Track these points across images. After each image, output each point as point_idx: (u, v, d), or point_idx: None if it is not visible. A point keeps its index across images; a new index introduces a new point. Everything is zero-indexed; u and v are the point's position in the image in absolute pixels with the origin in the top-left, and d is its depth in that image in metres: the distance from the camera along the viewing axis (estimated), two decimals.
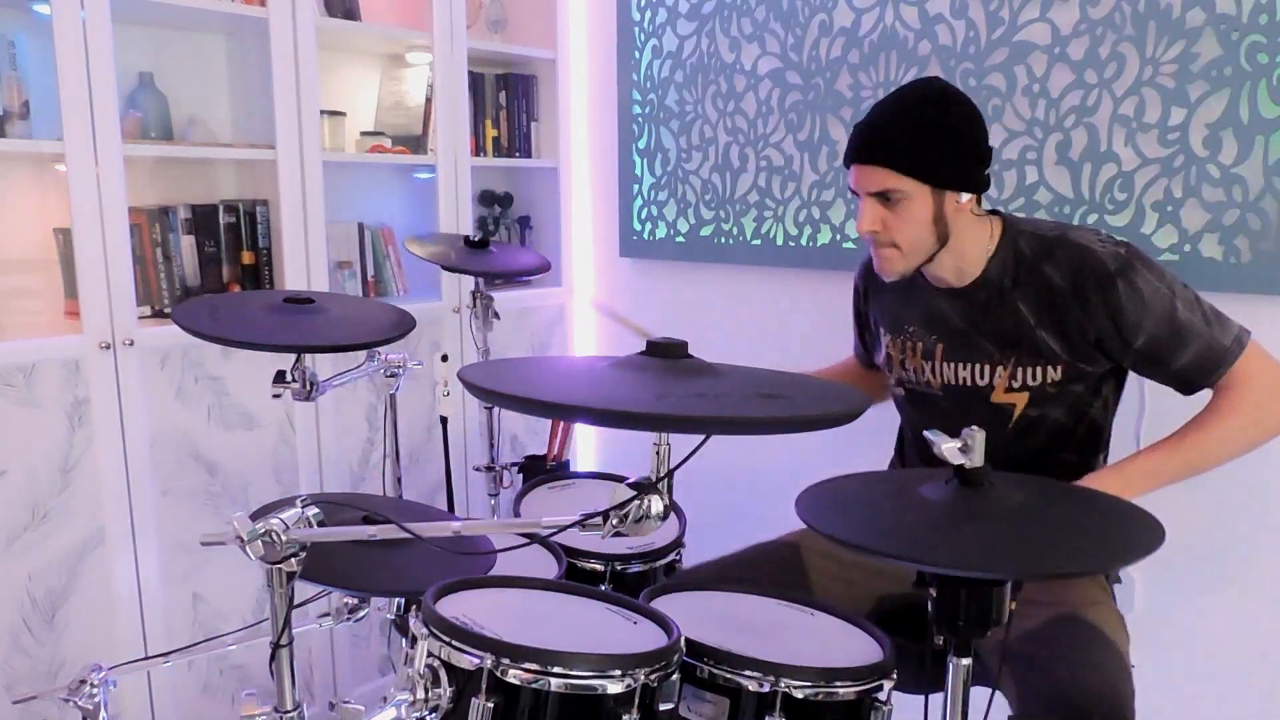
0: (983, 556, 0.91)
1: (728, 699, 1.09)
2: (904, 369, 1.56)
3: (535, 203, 2.92)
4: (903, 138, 1.37)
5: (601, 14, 2.73)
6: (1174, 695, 1.81)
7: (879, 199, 1.40)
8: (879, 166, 1.38)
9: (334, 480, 2.30)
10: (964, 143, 1.38)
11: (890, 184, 1.38)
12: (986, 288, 1.45)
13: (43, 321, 2.04)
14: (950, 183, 1.38)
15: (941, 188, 1.38)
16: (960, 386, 1.48)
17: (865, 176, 1.41)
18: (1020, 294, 1.42)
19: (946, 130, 1.37)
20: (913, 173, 1.37)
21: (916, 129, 1.37)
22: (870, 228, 1.41)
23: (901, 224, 1.40)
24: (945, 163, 1.37)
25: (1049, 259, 1.40)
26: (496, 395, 0.87)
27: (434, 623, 1.04)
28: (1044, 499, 1.06)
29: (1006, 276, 1.43)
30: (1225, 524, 1.74)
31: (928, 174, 1.37)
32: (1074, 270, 1.37)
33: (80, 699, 1.17)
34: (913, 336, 1.54)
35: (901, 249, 1.42)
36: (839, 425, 0.87)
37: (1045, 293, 1.39)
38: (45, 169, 2.03)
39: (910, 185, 1.37)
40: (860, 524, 1.02)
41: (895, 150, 1.37)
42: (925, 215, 1.39)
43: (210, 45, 2.29)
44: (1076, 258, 1.37)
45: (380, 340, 1.50)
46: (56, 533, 1.86)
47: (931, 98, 1.39)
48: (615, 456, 2.93)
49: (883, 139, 1.39)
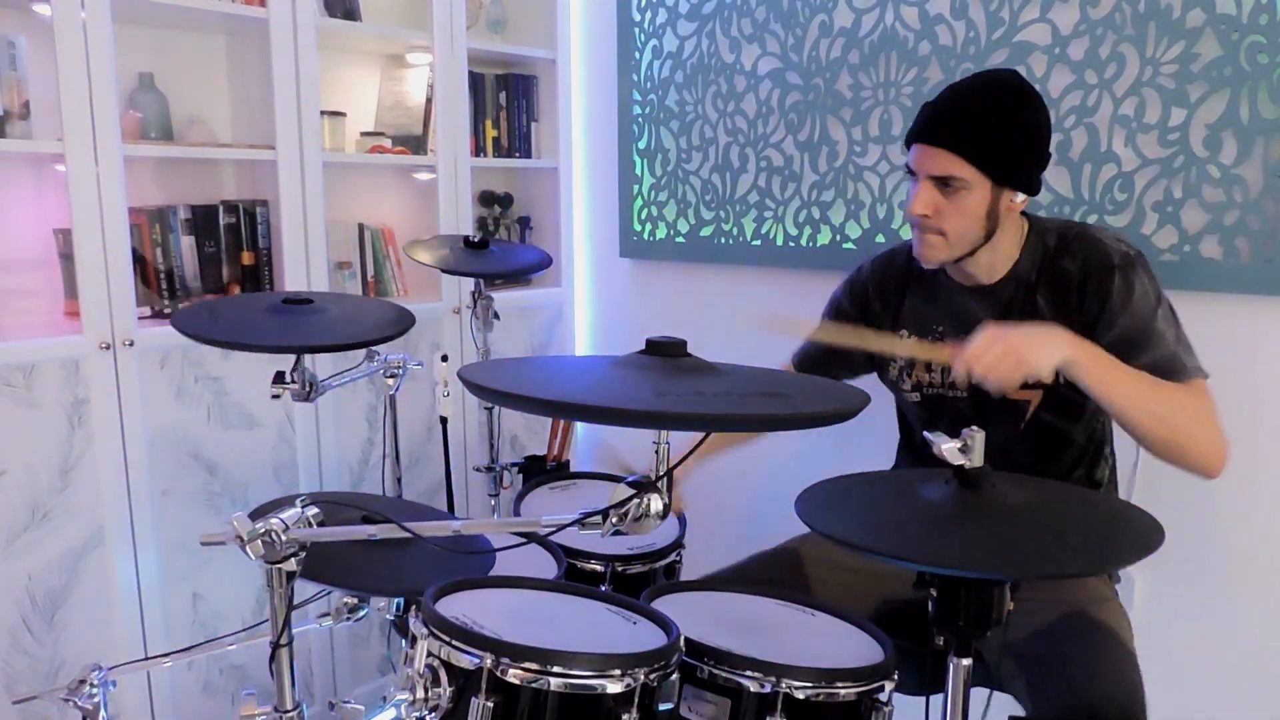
0: (983, 557, 0.91)
1: (729, 699, 1.09)
2: (929, 371, 1.53)
3: (535, 203, 2.92)
4: (975, 125, 1.33)
5: (601, 14, 2.73)
6: (1173, 694, 1.81)
7: (938, 184, 1.36)
8: (945, 150, 1.33)
9: (334, 480, 2.30)
10: (1035, 143, 1.36)
11: (954, 170, 1.33)
12: (1013, 284, 1.44)
13: (43, 321, 2.04)
14: (1012, 180, 1.35)
15: (1002, 184, 1.35)
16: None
17: (928, 159, 1.36)
18: (1040, 289, 1.42)
19: (1020, 126, 1.34)
20: (979, 163, 1.32)
21: (989, 119, 1.33)
22: (922, 211, 1.36)
23: (955, 214, 1.36)
24: (1013, 159, 1.34)
25: (1067, 252, 1.40)
26: (496, 395, 0.87)
27: (434, 622, 1.04)
28: (1044, 499, 1.06)
29: (1032, 273, 1.43)
30: (1225, 524, 1.74)
31: (993, 168, 1.33)
32: (1085, 260, 1.38)
33: (80, 699, 1.17)
34: (942, 337, 1.52)
35: (948, 238, 1.38)
36: (838, 422, 0.87)
37: (1060, 286, 1.40)
38: (45, 169, 2.03)
39: (973, 175, 1.33)
40: (860, 524, 1.02)
41: (966, 137, 1.33)
42: (980, 209, 1.35)
43: (210, 45, 2.29)
44: (1089, 249, 1.38)
45: (380, 339, 1.50)
46: (56, 533, 1.86)
47: (1010, 89, 1.36)
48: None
49: (955, 123, 1.34)
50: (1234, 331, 1.69)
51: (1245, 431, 1.70)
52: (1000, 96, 1.35)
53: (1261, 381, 1.68)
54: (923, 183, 1.37)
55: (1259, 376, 1.68)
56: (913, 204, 1.37)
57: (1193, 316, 1.73)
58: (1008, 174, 1.34)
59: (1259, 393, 1.68)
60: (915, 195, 1.37)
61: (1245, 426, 1.70)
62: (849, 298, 1.66)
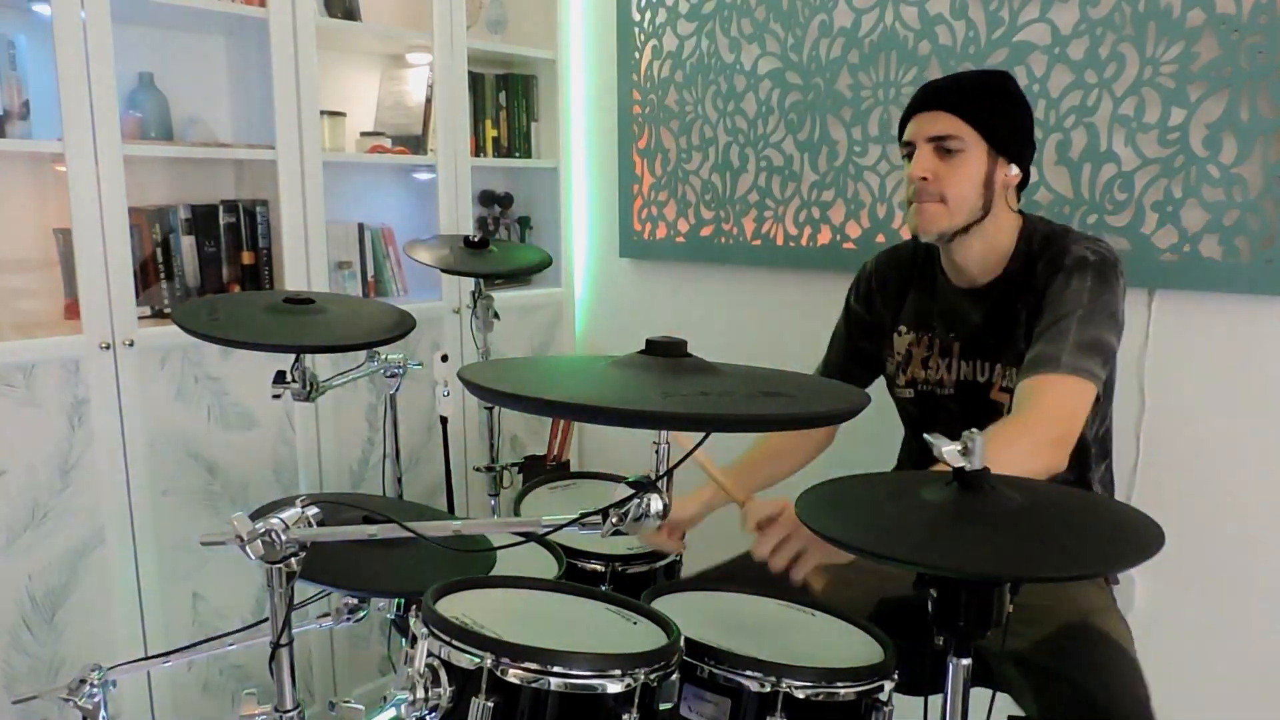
0: (982, 558, 0.91)
1: (729, 699, 1.09)
2: (923, 367, 1.56)
3: (535, 203, 2.92)
4: (969, 89, 1.42)
5: (601, 14, 2.73)
6: (1173, 694, 1.81)
7: (936, 147, 1.41)
8: (943, 111, 1.40)
9: (334, 480, 2.29)
10: (1022, 114, 1.43)
11: (952, 129, 1.40)
12: (1004, 285, 1.46)
13: (43, 321, 2.04)
14: (1007, 147, 1.41)
15: (997, 150, 1.40)
16: (969, 383, 1.50)
17: (926, 122, 1.42)
18: (1020, 291, 1.44)
19: (1009, 95, 1.43)
20: (974, 122, 1.39)
21: (984, 88, 1.43)
22: (922, 173, 1.41)
23: (954, 177, 1.40)
24: (1005, 124, 1.41)
25: (1044, 255, 1.42)
26: (496, 395, 0.87)
27: (434, 622, 1.04)
28: (1044, 502, 1.05)
29: (1018, 274, 1.45)
30: (1226, 524, 1.74)
31: (988, 128, 1.39)
32: (1048, 262, 1.41)
33: (80, 699, 1.17)
34: (936, 333, 1.54)
35: (949, 204, 1.42)
36: (840, 422, 0.87)
37: (1032, 290, 1.42)
38: (45, 169, 2.03)
39: (970, 135, 1.39)
40: (860, 526, 1.01)
41: (961, 98, 1.40)
42: (978, 174, 1.40)
43: (210, 45, 2.29)
44: (1056, 251, 1.41)
45: (380, 340, 1.50)
46: (56, 532, 1.86)
47: (997, 72, 1.48)
48: (615, 457, 2.93)
49: (951, 89, 1.43)
50: (1234, 331, 1.70)
51: (1245, 431, 1.70)
52: (992, 75, 1.47)
53: (1262, 381, 1.68)
54: (921, 147, 1.43)
55: (1259, 376, 1.68)
56: (913, 169, 1.43)
57: (1193, 316, 1.74)
58: (1002, 139, 1.41)
59: (1259, 393, 1.68)
60: (915, 161, 1.43)
61: (1245, 426, 1.70)
62: (855, 296, 1.70)
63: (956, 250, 1.47)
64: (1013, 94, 1.44)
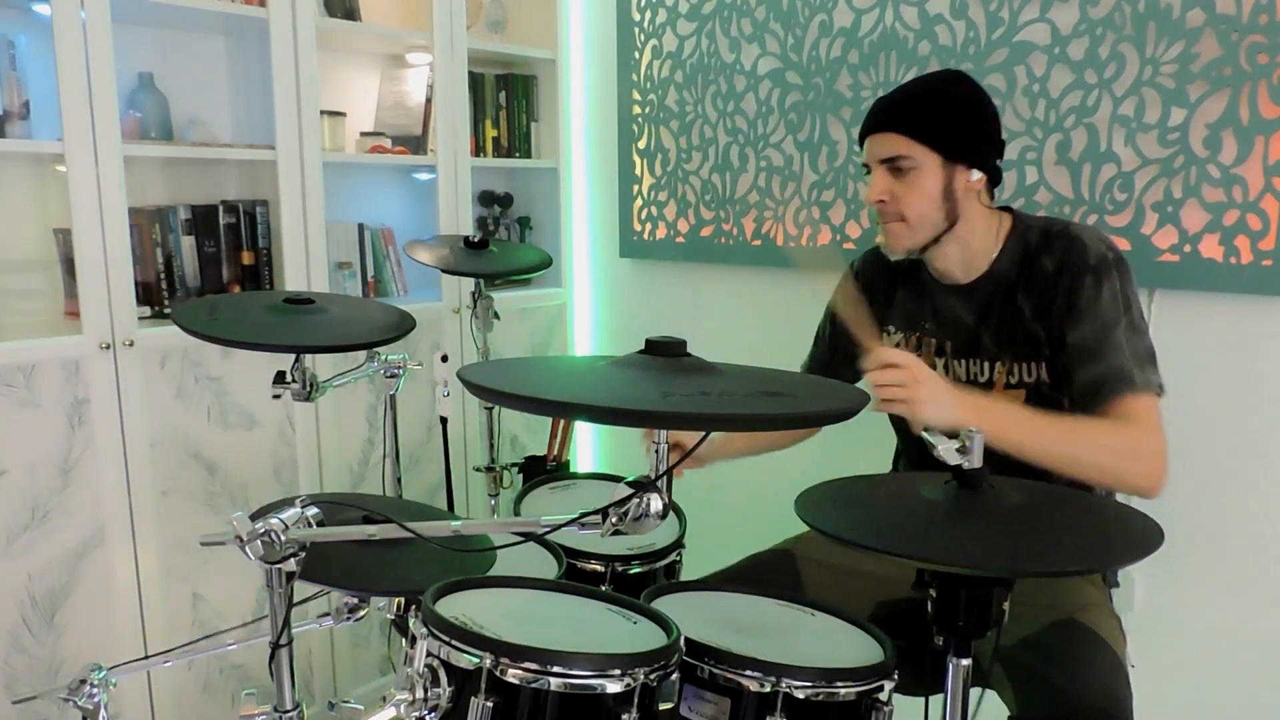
0: (981, 554, 0.91)
1: (729, 699, 1.09)
2: None
3: (535, 203, 2.92)
4: (914, 105, 1.39)
5: (601, 14, 2.73)
6: (1173, 695, 1.81)
7: (889, 169, 1.40)
8: (889, 132, 1.39)
9: (334, 480, 2.30)
10: (975, 116, 1.40)
11: (900, 149, 1.38)
12: (993, 283, 1.45)
13: (43, 321, 2.04)
14: (960, 155, 1.38)
15: (951, 159, 1.38)
16: (963, 383, 1.48)
17: (876, 145, 1.41)
18: (1021, 287, 1.42)
19: (957, 101, 1.39)
20: (922, 138, 1.37)
21: (927, 98, 1.39)
22: (878, 196, 1.41)
23: (910, 195, 1.39)
24: (955, 132, 1.38)
25: (1047, 249, 1.40)
26: (496, 395, 0.87)
27: (434, 622, 1.04)
28: (1042, 501, 1.05)
29: (1012, 271, 1.43)
30: (1226, 524, 1.74)
31: (937, 141, 1.37)
32: (1062, 258, 1.38)
33: (80, 699, 1.17)
34: (927, 333, 1.54)
35: (909, 221, 1.41)
36: (840, 421, 0.87)
37: (1039, 283, 1.40)
38: (45, 169, 2.03)
39: (920, 153, 1.37)
40: (859, 523, 1.02)
41: (906, 116, 1.38)
42: (934, 188, 1.39)
43: (210, 45, 2.29)
44: (1067, 246, 1.38)
45: (380, 340, 1.50)
46: (56, 532, 1.86)
47: (947, 76, 1.44)
48: (615, 457, 2.93)
49: (895, 107, 1.41)
50: (1234, 331, 1.70)
51: (1246, 432, 1.70)
52: (937, 80, 1.43)
53: (1262, 382, 1.68)
54: (875, 169, 1.42)
55: (1259, 377, 1.68)
56: (869, 193, 1.42)
57: (1193, 316, 1.74)
58: (954, 148, 1.38)
59: (1259, 393, 1.68)
60: (871, 184, 1.43)
61: (1246, 427, 1.70)
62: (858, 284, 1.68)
63: (934, 258, 1.47)
64: (962, 98, 1.40)
